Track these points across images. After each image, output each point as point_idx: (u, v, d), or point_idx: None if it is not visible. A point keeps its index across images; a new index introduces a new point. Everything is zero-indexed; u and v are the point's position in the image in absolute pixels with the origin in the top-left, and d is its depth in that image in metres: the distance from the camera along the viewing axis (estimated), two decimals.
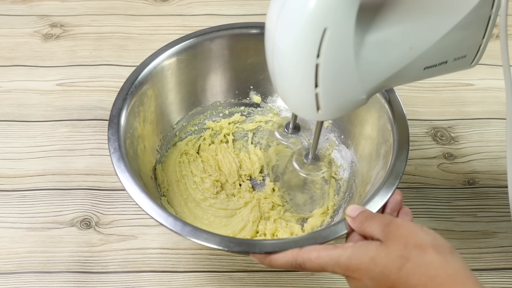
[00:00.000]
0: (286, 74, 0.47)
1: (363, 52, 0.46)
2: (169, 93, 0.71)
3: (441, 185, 0.75)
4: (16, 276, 0.66)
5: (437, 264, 0.43)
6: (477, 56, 0.53)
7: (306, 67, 0.45)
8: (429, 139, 0.81)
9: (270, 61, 0.49)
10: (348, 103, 0.49)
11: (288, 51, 0.45)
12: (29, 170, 0.75)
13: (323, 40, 0.44)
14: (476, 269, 0.68)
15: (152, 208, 0.55)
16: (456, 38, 0.49)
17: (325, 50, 0.44)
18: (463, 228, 0.72)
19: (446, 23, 0.48)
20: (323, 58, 0.45)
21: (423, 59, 0.49)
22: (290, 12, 0.44)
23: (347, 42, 0.45)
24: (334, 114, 0.50)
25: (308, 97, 0.47)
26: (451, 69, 0.52)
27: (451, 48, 0.50)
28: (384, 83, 0.50)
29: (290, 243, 0.52)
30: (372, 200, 0.56)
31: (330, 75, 0.46)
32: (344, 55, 0.45)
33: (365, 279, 0.46)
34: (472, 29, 0.50)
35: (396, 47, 0.48)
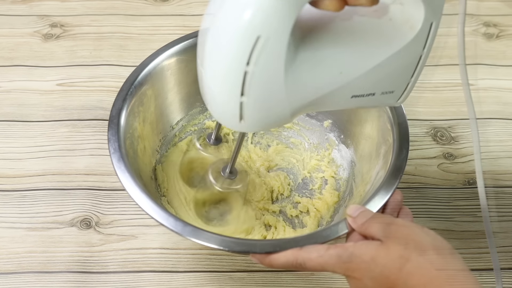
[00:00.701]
0: (214, 78, 0.46)
1: (294, 68, 0.45)
2: (169, 93, 0.71)
3: (441, 185, 0.75)
4: (16, 276, 0.66)
5: (437, 265, 0.44)
6: (404, 93, 0.52)
7: (235, 73, 0.44)
8: (429, 139, 0.81)
9: (200, 64, 0.48)
10: (272, 117, 0.48)
11: (219, 54, 0.44)
12: (29, 170, 0.75)
13: (255, 48, 0.43)
14: (476, 269, 0.68)
15: (153, 208, 0.55)
16: (386, 71, 0.49)
17: (255, 58, 0.43)
18: (463, 228, 0.72)
19: (378, 55, 0.48)
20: (252, 66, 0.43)
21: (351, 87, 0.49)
22: (227, 14, 0.43)
23: (278, 53, 0.44)
24: (257, 126, 0.49)
25: (233, 105, 0.46)
26: (378, 102, 0.52)
27: (379, 80, 0.50)
28: (310, 105, 0.49)
29: (291, 243, 0.52)
30: (372, 199, 0.56)
31: (257, 85, 0.45)
32: (274, 67, 0.44)
33: (365, 279, 0.46)
34: (402, 66, 0.50)
35: (326, 69, 0.47)
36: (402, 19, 0.48)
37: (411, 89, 0.53)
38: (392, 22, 0.48)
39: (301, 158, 0.74)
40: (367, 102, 0.51)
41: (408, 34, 0.48)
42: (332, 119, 0.73)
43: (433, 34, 0.49)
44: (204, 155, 0.69)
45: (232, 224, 0.66)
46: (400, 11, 0.48)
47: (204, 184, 0.65)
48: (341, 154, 0.72)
